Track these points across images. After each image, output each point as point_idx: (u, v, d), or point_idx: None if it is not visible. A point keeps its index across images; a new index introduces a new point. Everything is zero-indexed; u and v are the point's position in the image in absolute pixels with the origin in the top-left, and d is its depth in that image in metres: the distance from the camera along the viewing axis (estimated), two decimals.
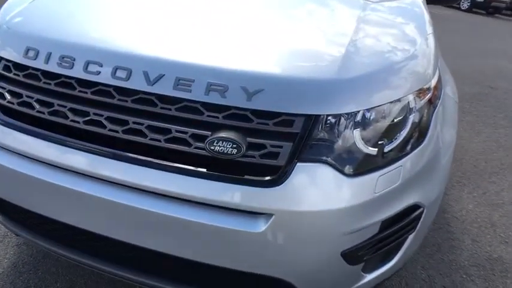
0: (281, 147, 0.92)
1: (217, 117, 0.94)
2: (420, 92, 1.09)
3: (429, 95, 1.13)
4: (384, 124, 1.01)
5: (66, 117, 1.02)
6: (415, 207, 1.10)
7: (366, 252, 1.04)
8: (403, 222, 1.08)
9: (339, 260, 0.99)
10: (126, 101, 0.98)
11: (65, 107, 1.03)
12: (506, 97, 4.71)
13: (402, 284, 1.71)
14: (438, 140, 1.16)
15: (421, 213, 1.12)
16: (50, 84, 1.05)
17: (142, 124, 0.97)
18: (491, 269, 1.87)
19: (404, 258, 1.18)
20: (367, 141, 0.98)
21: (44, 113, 1.05)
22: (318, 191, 0.94)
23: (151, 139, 0.96)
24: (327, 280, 1.05)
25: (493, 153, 3.15)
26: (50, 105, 1.05)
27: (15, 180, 1.08)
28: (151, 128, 0.97)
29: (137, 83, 0.97)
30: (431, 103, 1.15)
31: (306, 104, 0.93)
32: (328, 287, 1.09)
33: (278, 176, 0.92)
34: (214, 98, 0.93)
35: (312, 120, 0.93)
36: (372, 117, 0.99)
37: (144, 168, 0.96)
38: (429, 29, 1.34)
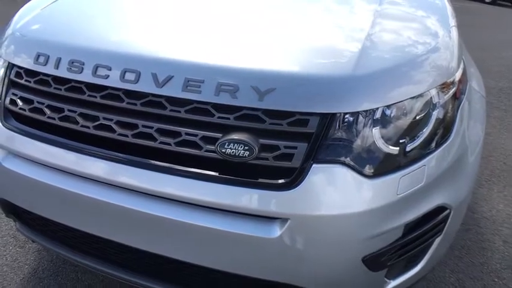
0: (295, 148, 0.89)
1: (228, 119, 0.91)
2: (444, 86, 1.03)
3: (453, 89, 1.07)
4: (406, 121, 0.96)
5: (77, 123, 1.02)
6: (441, 208, 1.04)
7: (389, 258, 0.98)
8: (428, 225, 1.02)
9: (360, 267, 0.95)
10: (135, 104, 0.97)
11: (75, 112, 1.03)
12: None
13: None
14: (464, 136, 1.10)
15: (448, 215, 1.06)
16: (60, 89, 1.05)
17: (151, 127, 0.95)
18: None
19: (431, 263, 1.13)
20: (387, 140, 0.93)
21: (54, 119, 1.05)
22: (336, 194, 0.89)
23: (161, 142, 0.94)
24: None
25: None
26: (61, 110, 1.04)
27: (27, 186, 1.09)
28: (160, 131, 0.95)
29: (146, 86, 0.95)
30: (456, 98, 1.09)
31: (321, 102, 0.89)
32: None
33: (293, 178, 0.88)
34: (225, 99, 0.90)
35: (327, 119, 0.89)
36: (392, 114, 0.94)
37: (153, 172, 0.94)
38: (452, 22, 1.28)
